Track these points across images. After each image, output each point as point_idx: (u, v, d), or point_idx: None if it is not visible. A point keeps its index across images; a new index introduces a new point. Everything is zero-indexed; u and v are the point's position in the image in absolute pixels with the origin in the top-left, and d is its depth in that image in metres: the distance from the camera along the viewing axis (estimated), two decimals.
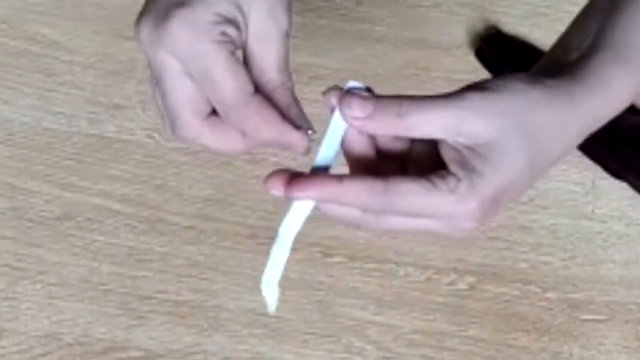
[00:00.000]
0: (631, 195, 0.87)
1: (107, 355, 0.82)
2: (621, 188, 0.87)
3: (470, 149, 0.55)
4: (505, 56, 0.91)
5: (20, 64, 0.89)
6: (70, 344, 0.82)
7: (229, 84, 0.55)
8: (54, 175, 0.86)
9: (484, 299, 0.84)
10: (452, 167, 0.55)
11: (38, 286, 0.84)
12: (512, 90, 0.55)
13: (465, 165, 0.55)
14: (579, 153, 0.88)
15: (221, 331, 0.83)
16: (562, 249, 0.85)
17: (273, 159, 0.87)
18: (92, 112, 0.88)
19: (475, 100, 0.54)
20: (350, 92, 0.56)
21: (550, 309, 0.84)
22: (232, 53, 0.55)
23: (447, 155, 0.56)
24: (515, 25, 0.92)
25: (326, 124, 0.54)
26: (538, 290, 0.84)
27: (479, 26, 0.92)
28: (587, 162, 0.88)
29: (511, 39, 0.92)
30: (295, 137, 0.57)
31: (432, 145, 0.57)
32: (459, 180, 0.55)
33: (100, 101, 0.88)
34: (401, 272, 0.84)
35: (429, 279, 0.84)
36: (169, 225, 0.85)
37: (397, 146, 0.58)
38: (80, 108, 0.88)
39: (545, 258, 0.85)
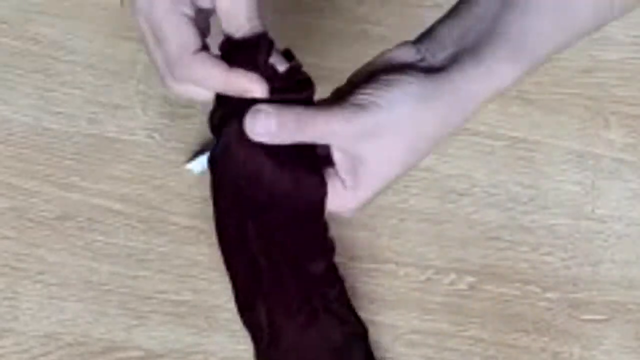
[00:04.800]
0: (631, 195, 0.87)
1: (107, 355, 0.82)
2: (621, 188, 0.87)
3: (354, 159, 0.62)
4: None
5: (20, 64, 0.89)
6: (70, 344, 0.82)
7: (171, 41, 0.60)
8: (54, 175, 0.86)
9: (484, 299, 0.84)
10: (341, 171, 0.62)
11: (38, 286, 0.84)
12: (394, 108, 0.61)
13: (350, 170, 0.62)
14: (578, 152, 0.88)
15: (221, 331, 0.83)
16: (562, 249, 0.85)
17: None
18: (92, 112, 0.88)
19: (356, 119, 0.60)
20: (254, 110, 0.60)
21: (550, 309, 0.84)
22: (184, 14, 0.60)
23: (336, 157, 0.62)
24: None
25: None
26: (538, 290, 0.84)
27: None
28: (587, 162, 0.88)
29: None
30: (244, 83, 0.61)
31: None
32: (344, 182, 0.62)
33: (100, 101, 0.88)
34: (401, 272, 0.84)
35: (429, 279, 0.84)
36: (169, 225, 0.85)
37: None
38: (80, 108, 0.88)
39: (545, 258, 0.85)
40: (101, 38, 0.90)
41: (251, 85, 0.60)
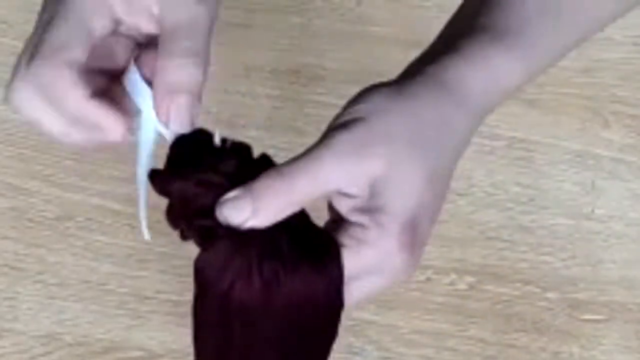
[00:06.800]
0: (631, 195, 0.87)
1: (107, 355, 0.82)
2: (621, 188, 0.87)
3: (363, 192, 0.52)
4: None
5: None
6: (70, 344, 0.82)
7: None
8: (54, 175, 0.86)
9: (484, 299, 0.84)
10: (352, 216, 0.52)
11: (38, 286, 0.84)
12: (377, 115, 0.52)
13: (364, 210, 0.52)
14: (578, 152, 0.88)
15: None
16: (562, 249, 0.85)
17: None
18: None
19: (346, 144, 0.51)
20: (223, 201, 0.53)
21: (550, 309, 0.84)
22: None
23: (341, 206, 0.52)
24: None
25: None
26: (538, 290, 0.84)
27: None
28: (587, 162, 0.88)
29: None
30: (108, 121, 0.56)
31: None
32: (365, 227, 0.52)
33: None
34: None
35: (429, 279, 0.84)
36: (169, 225, 0.85)
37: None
38: None
39: (545, 258, 0.85)
40: None
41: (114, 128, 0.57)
